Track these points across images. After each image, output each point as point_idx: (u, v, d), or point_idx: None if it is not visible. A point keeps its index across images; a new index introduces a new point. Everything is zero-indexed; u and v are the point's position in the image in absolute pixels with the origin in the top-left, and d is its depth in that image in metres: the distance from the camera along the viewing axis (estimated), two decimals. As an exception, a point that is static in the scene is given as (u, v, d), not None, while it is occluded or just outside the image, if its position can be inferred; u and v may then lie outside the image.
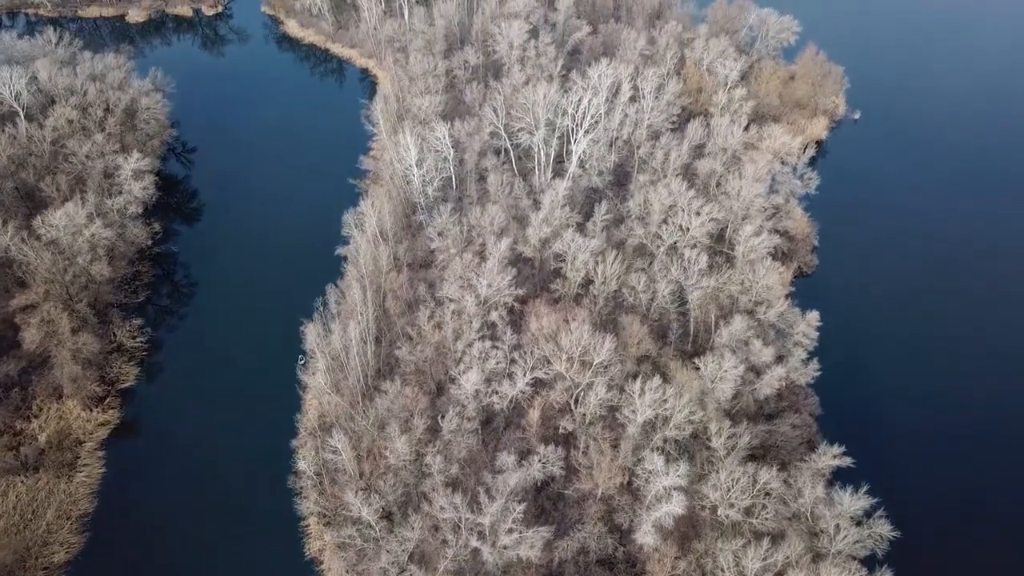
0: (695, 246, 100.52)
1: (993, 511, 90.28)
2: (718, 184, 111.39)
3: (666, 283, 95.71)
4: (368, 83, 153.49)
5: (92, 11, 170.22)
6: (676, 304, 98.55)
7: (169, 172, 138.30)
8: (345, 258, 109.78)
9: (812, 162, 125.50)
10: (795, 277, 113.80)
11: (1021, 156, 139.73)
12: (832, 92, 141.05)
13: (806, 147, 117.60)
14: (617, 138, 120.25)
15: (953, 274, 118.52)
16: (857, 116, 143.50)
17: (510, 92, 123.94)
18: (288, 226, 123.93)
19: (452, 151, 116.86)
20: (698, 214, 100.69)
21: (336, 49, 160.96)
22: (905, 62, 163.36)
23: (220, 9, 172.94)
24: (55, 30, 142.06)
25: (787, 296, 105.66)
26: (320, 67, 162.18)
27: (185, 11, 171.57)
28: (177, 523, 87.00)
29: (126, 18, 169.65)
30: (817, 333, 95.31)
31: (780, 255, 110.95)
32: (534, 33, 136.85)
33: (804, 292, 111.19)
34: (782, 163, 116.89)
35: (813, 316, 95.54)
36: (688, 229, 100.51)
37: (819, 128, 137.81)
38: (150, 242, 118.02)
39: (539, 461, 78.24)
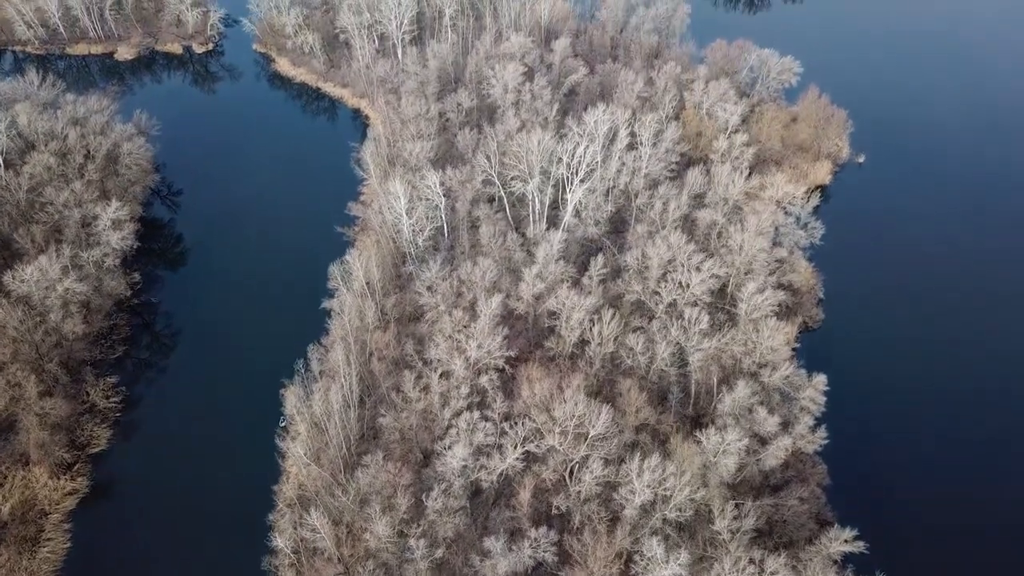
0: (695, 303, 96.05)
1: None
2: (719, 235, 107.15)
3: (666, 345, 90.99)
4: (360, 124, 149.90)
5: (80, 48, 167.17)
6: (676, 366, 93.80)
7: (154, 215, 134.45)
8: (330, 312, 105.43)
9: (816, 209, 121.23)
10: (800, 332, 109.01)
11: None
12: (835, 135, 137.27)
13: (810, 195, 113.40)
14: (614, 187, 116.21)
15: (967, 323, 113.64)
16: (862, 160, 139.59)
17: (504, 138, 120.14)
18: (274, 275, 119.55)
19: (443, 199, 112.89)
20: (699, 270, 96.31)
21: (328, 88, 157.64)
22: (908, 102, 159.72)
23: (211, 47, 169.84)
24: (38, 71, 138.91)
25: (792, 353, 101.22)
26: (312, 106, 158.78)
27: (175, 48, 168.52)
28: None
29: (115, 55, 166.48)
30: (824, 398, 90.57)
31: (784, 309, 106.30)
32: (529, 75, 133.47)
33: (810, 349, 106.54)
34: (785, 212, 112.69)
35: (820, 380, 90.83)
36: (688, 286, 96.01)
37: (822, 173, 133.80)
38: (129, 293, 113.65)
39: (530, 546, 73.01)
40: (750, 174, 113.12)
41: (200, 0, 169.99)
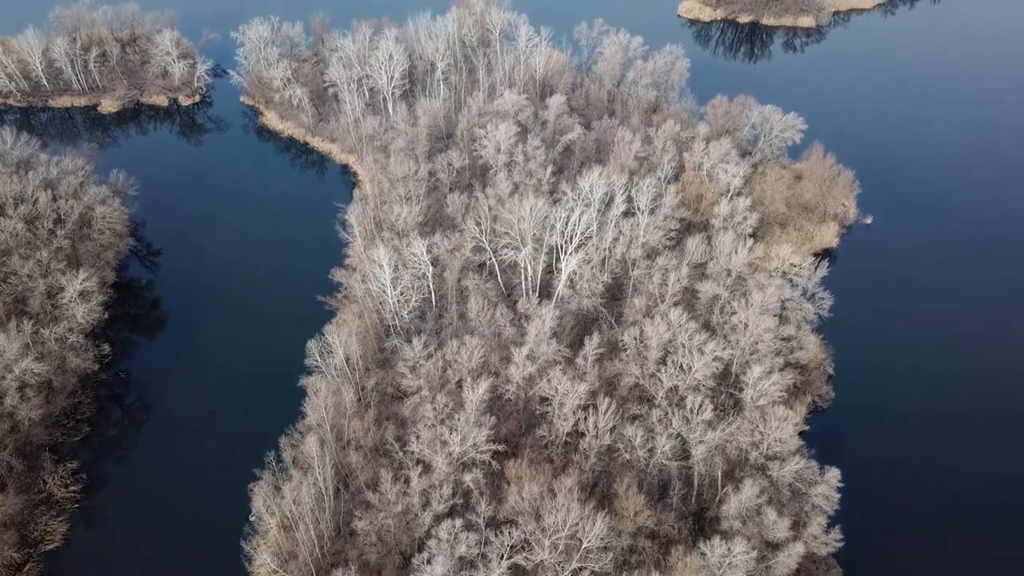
0: (698, 388, 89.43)
1: None
2: (722, 310, 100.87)
3: (666, 438, 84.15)
4: (348, 180, 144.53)
5: (63, 101, 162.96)
6: (678, 458, 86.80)
7: (131, 277, 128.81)
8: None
9: (823, 277, 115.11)
10: (809, 413, 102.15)
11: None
12: (842, 195, 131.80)
13: (817, 265, 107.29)
14: (610, 255, 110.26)
15: (986, 395, 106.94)
16: (869, 221, 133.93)
17: (495, 202, 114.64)
18: (253, 345, 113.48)
19: (431, 267, 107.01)
20: (701, 352, 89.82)
21: (316, 143, 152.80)
22: (913, 156, 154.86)
23: (197, 99, 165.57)
24: (15, 126, 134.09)
25: (800, 437, 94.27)
26: (299, 161, 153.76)
27: (161, 101, 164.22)
28: None
29: (99, 108, 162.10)
30: (839, 495, 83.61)
31: (792, 387, 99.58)
32: (523, 134, 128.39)
33: (820, 432, 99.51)
34: (791, 284, 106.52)
35: (833, 475, 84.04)
36: (690, 369, 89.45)
37: (829, 235, 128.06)
38: (97, 367, 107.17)
39: None
40: (754, 242, 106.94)
41: (187, 52, 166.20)
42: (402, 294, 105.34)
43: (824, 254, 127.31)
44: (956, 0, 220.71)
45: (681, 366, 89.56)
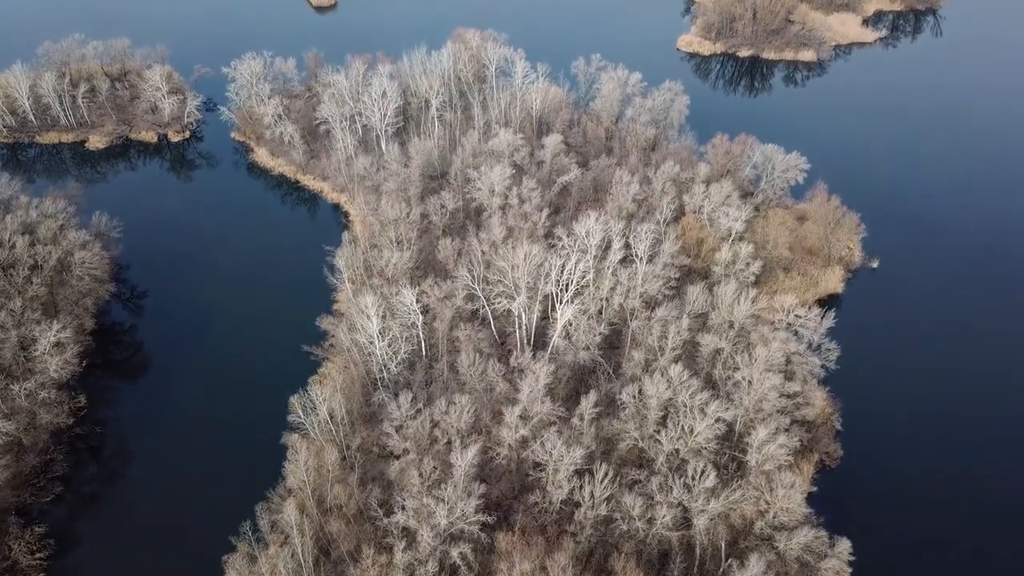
0: (700, 452, 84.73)
1: None
2: (725, 364, 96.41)
3: (667, 507, 79.29)
4: (338, 221, 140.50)
5: (51, 137, 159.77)
6: (679, 527, 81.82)
7: (113, 320, 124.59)
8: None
9: (826, 311, 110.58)
10: (816, 472, 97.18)
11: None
12: (847, 238, 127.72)
13: (823, 315, 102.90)
14: (607, 304, 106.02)
15: (1005, 447, 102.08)
16: (875, 264, 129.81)
17: (488, 247, 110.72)
18: (235, 394, 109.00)
19: (421, 317, 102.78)
20: (703, 412, 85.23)
21: (307, 181, 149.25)
22: (919, 195, 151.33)
23: (187, 135, 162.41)
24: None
25: (808, 499, 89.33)
26: (290, 199, 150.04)
27: (150, 137, 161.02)
28: None
29: (86, 144, 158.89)
30: (850, 568, 78.63)
31: (799, 445, 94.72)
32: (518, 176, 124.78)
33: (829, 494, 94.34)
34: (796, 335, 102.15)
35: (844, 547, 79.43)
36: (691, 431, 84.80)
37: (834, 280, 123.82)
38: (71, 421, 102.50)
39: None
40: (757, 292, 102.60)
41: (178, 87, 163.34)
42: (390, 345, 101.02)
43: (829, 300, 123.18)
44: (958, 33, 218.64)
45: (682, 428, 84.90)
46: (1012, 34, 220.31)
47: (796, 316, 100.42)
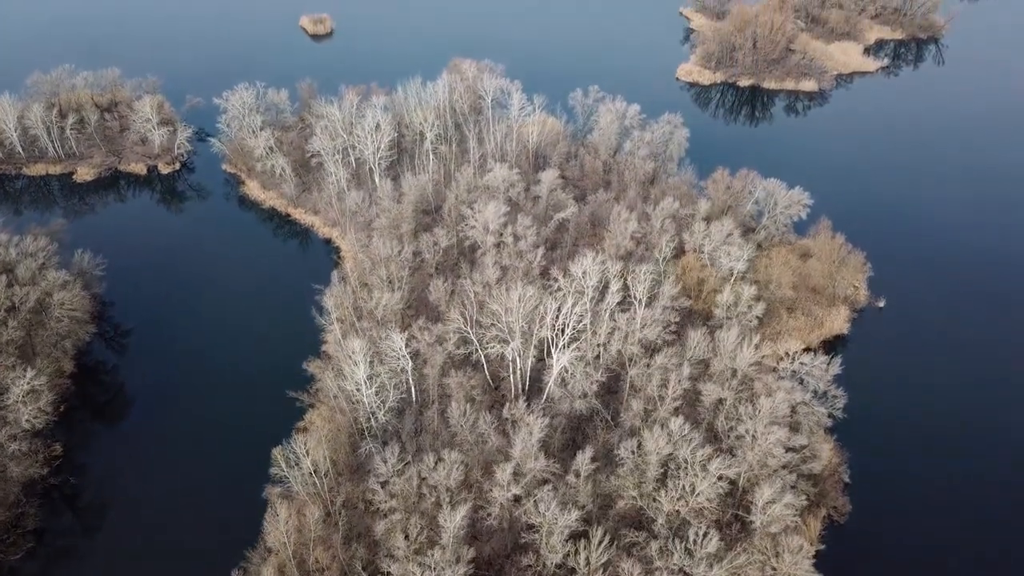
0: (702, 512, 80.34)
1: None
2: (727, 416, 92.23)
3: (667, 573, 74.76)
4: (330, 257, 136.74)
5: (38, 168, 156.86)
6: (679, 594, 77.30)
7: (95, 360, 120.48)
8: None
9: (832, 357, 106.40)
10: (824, 529, 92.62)
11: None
12: (852, 277, 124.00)
13: (830, 362, 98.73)
14: (605, 350, 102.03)
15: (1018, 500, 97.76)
16: (882, 304, 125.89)
17: (482, 288, 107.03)
18: (217, 442, 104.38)
19: (410, 362, 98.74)
20: (705, 469, 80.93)
21: (298, 215, 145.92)
22: (924, 228, 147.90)
23: (177, 167, 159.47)
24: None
25: (815, 562, 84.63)
26: (281, 233, 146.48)
27: (139, 169, 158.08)
28: None
29: (74, 176, 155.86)
30: (863, 641, 73.89)
31: (806, 503, 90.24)
32: (513, 213, 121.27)
33: (838, 554, 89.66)
34: (801, 382, 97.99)
35: (856, 617, 74.34)
36: (693, 489, 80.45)
37: (839, 321, 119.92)
38: (45, 471, 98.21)
39: None
40: (760, 338, 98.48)
41: (168, 118, 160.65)
42: (378, 393, 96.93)
43: (835, 341, 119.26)
44: (961, 62, 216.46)
45: (683, 487, 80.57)
46: (1017, 63, 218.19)
47: (801, 364, 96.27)
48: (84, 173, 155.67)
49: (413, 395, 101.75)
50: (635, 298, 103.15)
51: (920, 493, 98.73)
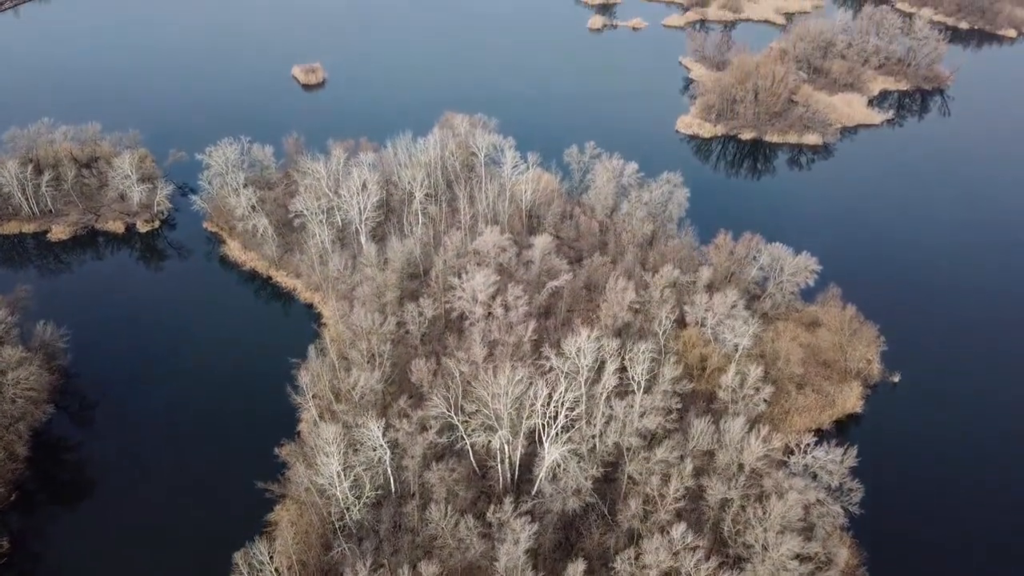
0: (707, 637, 71.79)
1: None
2: (735, 519, 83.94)
3: None
4: (310, 326, 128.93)
5: (11, 227, 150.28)
6: None
7: (57, 435, 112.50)
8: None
9: (847, 447, 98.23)
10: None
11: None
12: (864, 350, 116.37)
13: (844, 455, 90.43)
14: (601, 443, 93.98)
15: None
16: (897, 379, 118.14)
17: (468, 368, 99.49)
18: (179, 538, 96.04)
19: (388, 452, 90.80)
20: (710, 586, 72.56)
21: (280, 278, 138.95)
22: (938, 288, 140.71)
23: (156, 225, 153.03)
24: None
25: None
26: (262, 295, 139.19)
27: (117, 227, 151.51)
28: None
29: (48, 235, 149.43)
30: None
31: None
32: (504, 281, 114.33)
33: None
34: (814, 477, 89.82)
35: None
36: (697, 611, 72.02)
37: (852, 399, 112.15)
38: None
39: None
40: (769, 431, 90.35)
41: (149, 174, 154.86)
42: (352, 487, 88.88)
43: (848, 421, 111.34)
44: (967, 114, 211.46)
45: (686, 607, 72.18)
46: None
47: (814, 458, 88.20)
48: (59, 232, 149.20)
49: (392, 486, 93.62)
50: (633, 379, 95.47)
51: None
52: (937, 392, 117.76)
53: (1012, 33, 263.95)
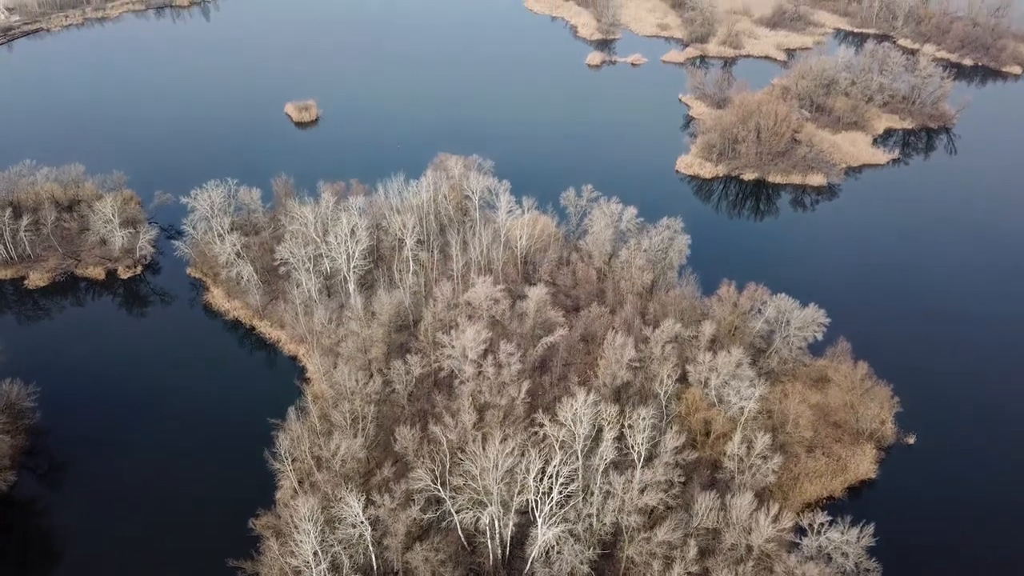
0: None
1: None
2: (743, 608, 77.25)
3: None
4: (293, 381, 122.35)
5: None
6: None
7: (25, 496, 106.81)
8: None
9: (863, 525, 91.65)
10: None
11: None
12: (878, 410, 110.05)
13: (861, 532, 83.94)
14: (598, 521, 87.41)
15: None
16: (912, 441, 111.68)
17: (457, 434, 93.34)
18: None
19: (370, 529, 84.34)
20: None
21: (263, 328, 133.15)
22: (954, 345, 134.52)
23: (138, 271, 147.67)
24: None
25: None
26: (245, 346, 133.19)
27: (97, 273, 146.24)
28: None
29: (25, 282, 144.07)
30: None
31: None
32: (496, 336, 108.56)
33: None
34: (828, 559, 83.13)
35: None
36: None
37: (866, 463, 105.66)
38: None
39: None
40: (780, 508, 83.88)
41: (132, 218, 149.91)
42: (330, 570, 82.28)
43: (861, 487, 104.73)
44: (973, 152, 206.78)
45: None
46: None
47: (828, 539, 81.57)
48: (36, 279, 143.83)
49: (374, 565, 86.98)
50: (633, 448, 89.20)
51: None
52: (955, 452, 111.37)
53: (1016, 70, 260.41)
